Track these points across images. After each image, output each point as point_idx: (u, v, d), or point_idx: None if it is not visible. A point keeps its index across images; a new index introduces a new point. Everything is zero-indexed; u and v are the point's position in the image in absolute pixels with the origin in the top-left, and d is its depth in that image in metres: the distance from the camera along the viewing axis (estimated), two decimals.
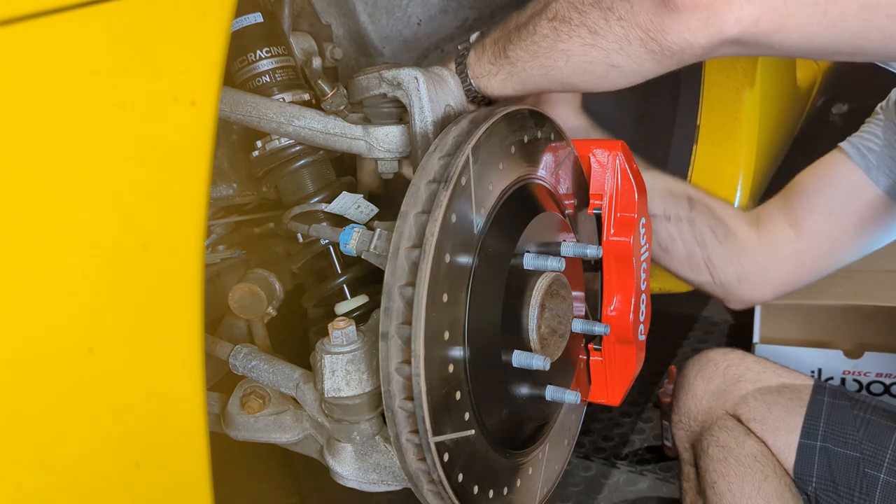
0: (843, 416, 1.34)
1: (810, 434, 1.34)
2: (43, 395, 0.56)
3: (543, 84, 1.00)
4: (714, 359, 1.47)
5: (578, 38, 0.93)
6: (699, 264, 1.33)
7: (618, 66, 0.93)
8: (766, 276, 1.35)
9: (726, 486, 1.32)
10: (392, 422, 0.83)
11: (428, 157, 0.86)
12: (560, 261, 0.92)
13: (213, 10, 0.64)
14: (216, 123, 0.66)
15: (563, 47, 0.94)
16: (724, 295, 1.38)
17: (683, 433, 1.47)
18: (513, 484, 0.96)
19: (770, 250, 1.34)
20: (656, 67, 0.92)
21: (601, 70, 0.94)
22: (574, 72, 0.95)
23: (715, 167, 1.61)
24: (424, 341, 0.78)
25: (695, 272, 1.34)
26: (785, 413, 1.36)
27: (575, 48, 0.93)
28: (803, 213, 1.33)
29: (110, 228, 0.59)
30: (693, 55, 0.89)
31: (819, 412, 1.35)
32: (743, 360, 1.46)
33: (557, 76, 0.97)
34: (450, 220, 0.81)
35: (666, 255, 1.34)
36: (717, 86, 1.60)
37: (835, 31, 0.82)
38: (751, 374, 1.42)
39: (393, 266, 0.81)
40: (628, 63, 0.92)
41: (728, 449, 1.34)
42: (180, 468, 0.68)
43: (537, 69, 0.97)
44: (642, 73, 0.94)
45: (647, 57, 0.91)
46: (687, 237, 1.31)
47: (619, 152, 1.08)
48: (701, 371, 1.46)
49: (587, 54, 0.93)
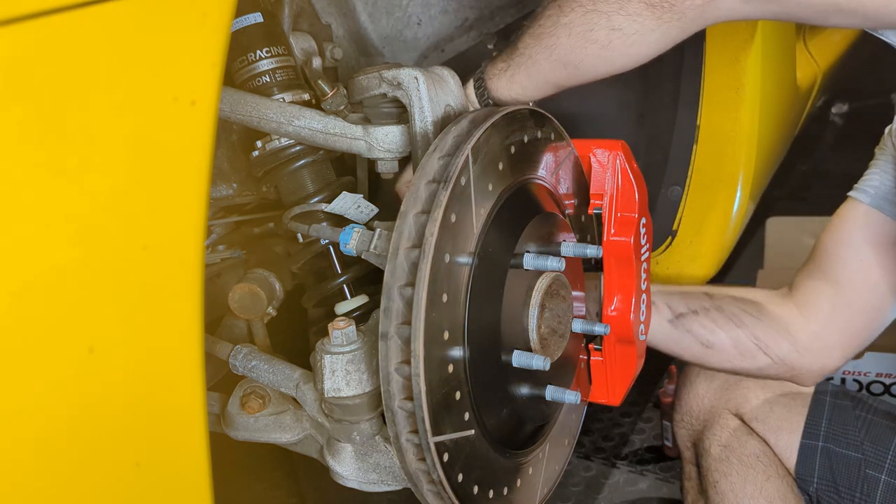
0: (845, 417, 1.34)
1: (812, 434, 1.33)
2: (43, 394, 0.56)
3: (549, 71, 0.99)
4: None
5: (580, 7, 0.93)
6: (749, 347, 1.28)
7: (619, 29, 0.92)
8: (823, 339, 1.29)
9: (728, 485, 1.32)
10: (392, 422, 0.83)
11: (428, 156, 0.86)
12: (560, 261, 0.92)
13: (212, 10, 0.64)
14: (216, 123, 0.66)
15: (566, 20, 0.95)
16: (792, 372, 1.31)
17: (685, 432, 1.47)
18: (513, 484, 0.96)
19: (815, 313, 1.29)
20: (658, 27, 0.91)
21: (603, 36, 0.94)
22: (576, 44, 0.95)
23: (715, 167, 1.61)
24: (424, 341, 0.78)
25: (749, 357, 1.29)
26: (787, 413, 1.36)
27: (577, 18, 0.94)
28: (836, 267, 1.29)
29: (110, 228, 0.59)
30: (693, 6, 0.88)
31: (821, 412, 1.35)
32: None
33: (561, 54, 0.96)
34: (449, 220, 0.81)
35: (712, 352, 1.28)
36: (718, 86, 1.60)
37: None
38: None
39: (393, 266, 0.81)
40: (630, 24, 0.91)
41: (730, 448, 1.34)
42: (180, 468, 0.68)
43: (542, 52, 0.98)
44: (644, 35, 0.92)
45: (647, 13, 0.90)
46: (722, 323, 1.27)
47: (619, 152, 1.08)
48: (703, 370, 1.46)
49: (589, 21, 0.93)
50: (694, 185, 1.60)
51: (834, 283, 1.28)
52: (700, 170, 1.61)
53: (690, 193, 1.60)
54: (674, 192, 1.60)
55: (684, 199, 1.60)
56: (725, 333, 1.27)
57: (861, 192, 1.27)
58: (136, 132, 0.60)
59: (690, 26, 0.92)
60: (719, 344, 1.27)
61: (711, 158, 1.60)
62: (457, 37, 1.46)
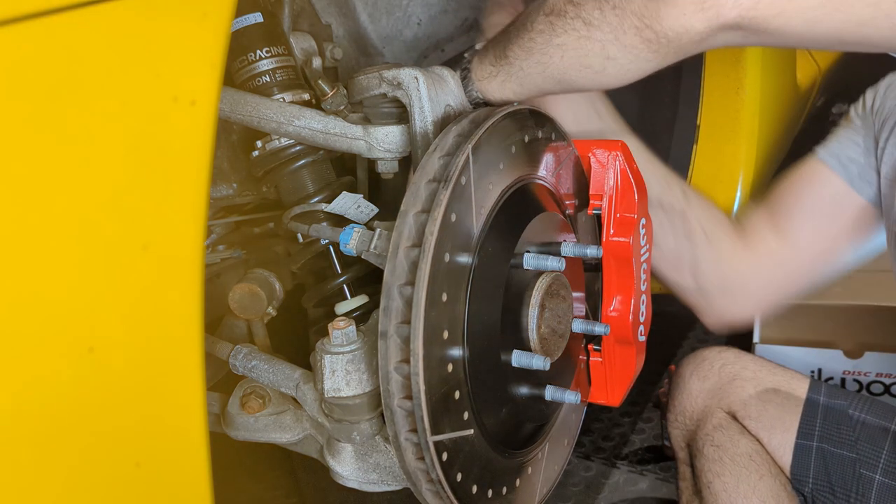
0: (839, 416, 1.33)
1: (806, 434, 1.33)
2: (43, 394, 0.56)
3: (542, 84, 0.97)
4: (709, 357, 1.46)
5: (574, 31, 0.90)
6: (683, 264, 1.28)
7: (614, 59, 0.90)
8: (749, 289, 1.31)
9: (722, 486, 1.31)
10: (391, 421, 0.83)
11: (428, 156, 0.86)
12: (560, 261, 0.92)
13: (213, 10, 0.64)
14: (216, 123, 0.66)
15: (559, 41, 0.92)
16: (703, 305, 1.32)
17: (679, 432, 1.47)
18: (512, 483, 0.96)
19: (755, 260, 1.30)
20: (654, 58, 0.89)
21: (597, 63, 0.91)
22: (570, 67, 0.93)
23: (715, 167, 1.61)
24: (423, 340, 0.78)
25: (678, 272, 1.29)
26: (780, 412, 1.36)
27: (570, 42, 0.91)
28: (787, 223, 1.29)
29: (110, 228, 0.59)
30: (690, 42, 0.85)
31: (815, 412, 1.35)
32: (738, 358, 1.44)
33: (554, 73, 0.94)
34: (449, 219, 0.81)
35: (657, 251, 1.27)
36: (718, 86, 1.60)
37: (839, 17, 0.79)
38: (746, 373, 1.41)
39: (392, 265, 0.81)
40: (625, 55, 0.89)
41: (723, 448, 1.34)
42: (180, 468, 0.68)
43: (534, 66, 0.95)
44: (640, 65, 0.90)
45: (643, 47, 0.87)
46: (678, 229, 1.25)
47: (618, 152, 1.08)
48: (696, 370, 1.45)
49: (583, 47, 0.90)
50: (694, 185, 1.60)
51: (781, 240, 1.29)
52: (700, 170, 1.61)
53: None
54: None
55: None
56: (674, 241, 1.26)
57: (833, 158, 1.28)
58: (135, 132, 0.60)
59: (686, 53, 0.89)
60: (663, 245, 1.26)
61: (711, 158, 1.60)
62: (457, 37, 1.46)
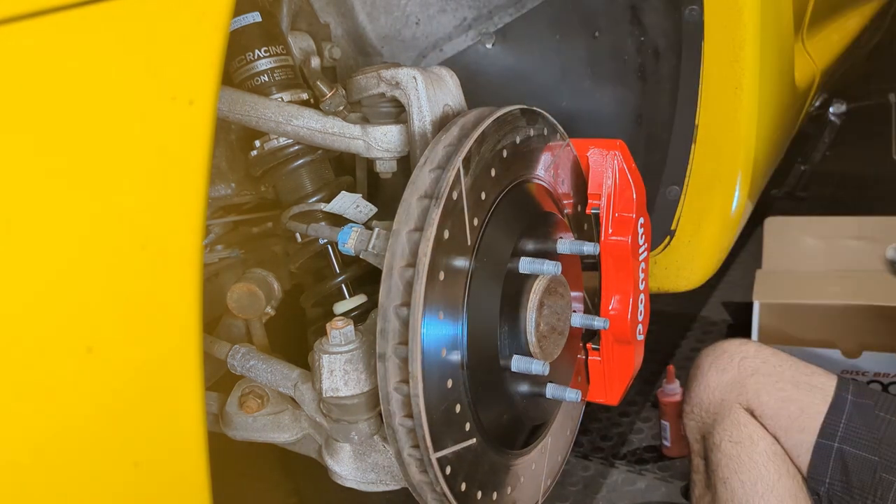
0: (865, 417, 1.30)
1: (829, 434, 1.30)
2: (42, 394, 0.56)
3: None
4: (729, 350, 1.42)
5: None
6: None
7: None
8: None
9: (739, 483, 1.29)
10: (393, 439, 0.83)
11: (419, 169, 0.85)
12: (556, 265, 0.92)
13: (211, 10, 0.64)
14: (214, 123, 0.66)
15: None
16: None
17: (695, 424, 1.44)
18: (516, 482, 0.96)
19: None
20: None
21: None
22: None
23: (714, 167, 1.61)
24: (422, 361, 0.78)
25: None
26: (799, 411, 1.33)
27: None
28: None
29: (108, 228, 0.59)
30: None
31: (841, 411, 1.30)
32: (759, 352, 1.40)
33: None
34: (442, 236, 0.80)
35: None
36: (716, 85, 1.59)
37: None
38: (766, 368, 1.37)
39: (388, 286, 0.80)
40: None
41: (741, 445, 1.31)
42: (179, 468, 0.68)
43: None
44: None
45: None
46: None
47: (617, 152, 1.08)
48: (715, 362, 1.42)
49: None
50: (692, 185, 1.60)
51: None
52: (699, 170, 1.61)
53: (689, 193, 1.60)
54: (672, 192, 1.60)
55: (683, 198, 1.60)
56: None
57: None
58: (133, 131, 0.60)
59: None
60: None
61: (710, 158, 1.59)
62: (455, 36, 1.46)
